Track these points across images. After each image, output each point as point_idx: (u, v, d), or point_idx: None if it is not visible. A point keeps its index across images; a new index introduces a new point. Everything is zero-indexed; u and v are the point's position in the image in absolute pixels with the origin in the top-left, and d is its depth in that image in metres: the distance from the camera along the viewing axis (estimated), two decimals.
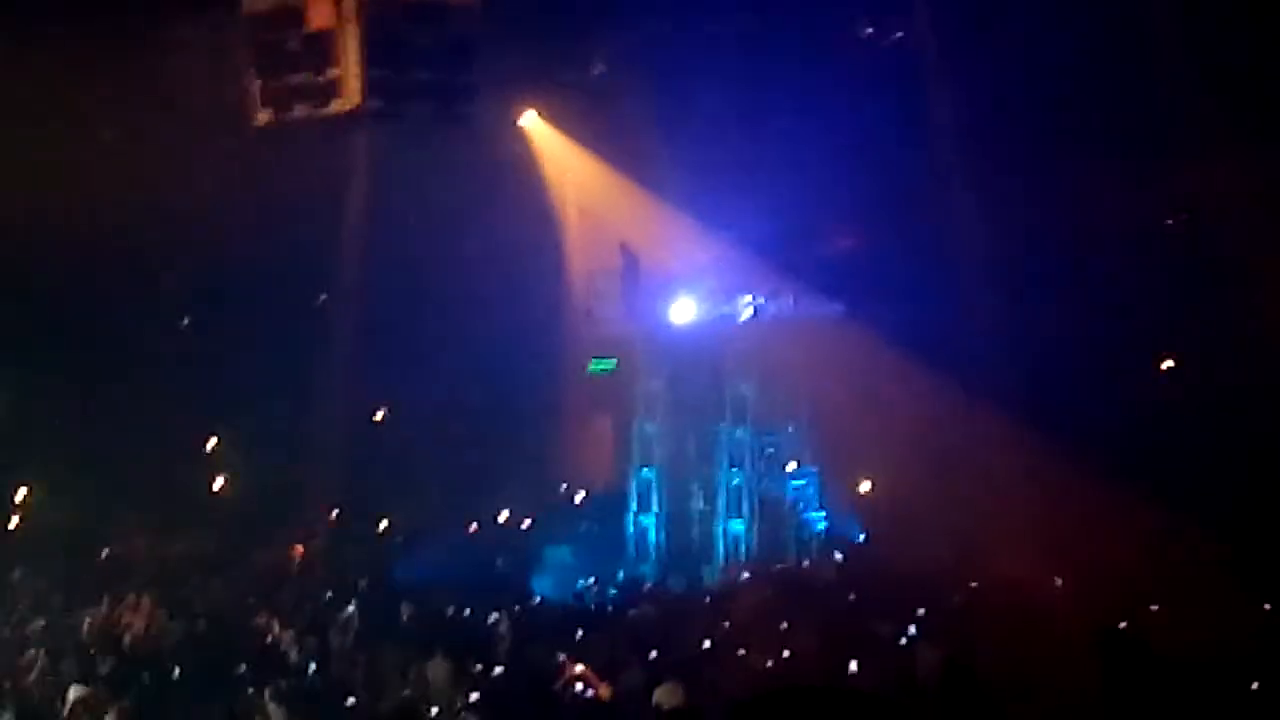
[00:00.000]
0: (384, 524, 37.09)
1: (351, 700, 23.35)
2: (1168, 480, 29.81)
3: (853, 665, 24.37)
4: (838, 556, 33.99)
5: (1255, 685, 18.43)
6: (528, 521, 37.34)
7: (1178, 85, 30.32)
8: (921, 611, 27.34)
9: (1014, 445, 31.91)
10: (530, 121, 35.03)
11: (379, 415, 39.79)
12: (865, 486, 36.68)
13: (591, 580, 33.85)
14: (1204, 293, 32.70)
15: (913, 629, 26.07)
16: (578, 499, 38.40)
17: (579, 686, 22.34)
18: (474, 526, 36.93)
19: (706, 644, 26.58)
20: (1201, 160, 31.46)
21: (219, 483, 37.93)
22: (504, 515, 37.34)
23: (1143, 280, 33.18)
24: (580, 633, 26.62)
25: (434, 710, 22.57)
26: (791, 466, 36.31)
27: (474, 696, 22.56)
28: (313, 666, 25.42)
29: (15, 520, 34.83)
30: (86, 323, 33.86)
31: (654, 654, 25.15)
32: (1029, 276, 33.46)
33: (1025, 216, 33.72)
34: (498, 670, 24.76)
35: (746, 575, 33.56)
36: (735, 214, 34.67)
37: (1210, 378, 33.01)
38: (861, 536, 35.52)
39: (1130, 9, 29.31)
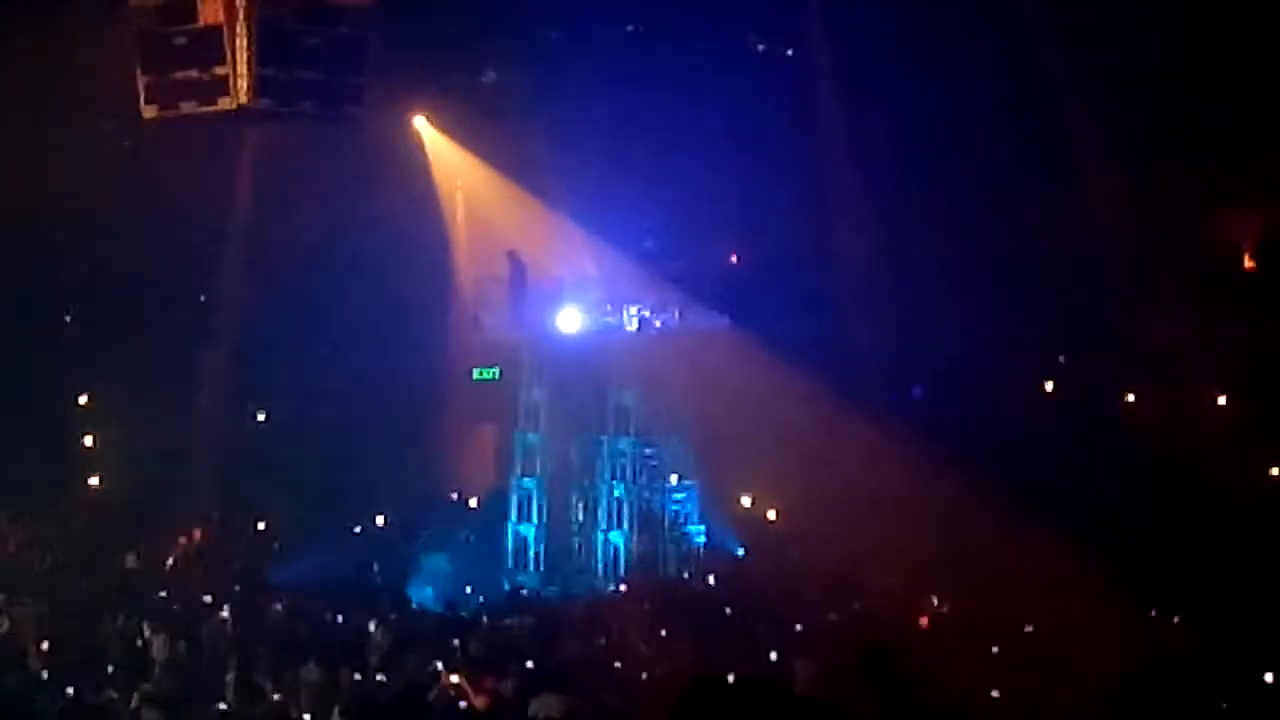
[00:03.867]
0: (261, 526, 36.71)
1: (222, 705, 23.03)
2: (1053, 495, 30.08)
3: (730, 678, 24.34)
4: (713, 573, 33.99)
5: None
6: (405, 527, 37.08)
7: (1069, 98, 30.63)
8: (799, 627, 27.41)
9: (898, 461, 32.06)
10: (420, 125, 34.89)
11: (260, 416, 39.42)
12: (746, 501, 36.73)
13: (468, 589, 33.73)
14: (1094, 308, 32.99)
15: (790, 644, 26.13)
16: (458, 506, 38.20)
17: (454, 696, 22.15)
18: (354, 531, 36.68)
19: (584, 655, 26.48)
20: (1093, 174, 31.78)
21: (94, 481, 37.41)
22: (380, 520, 37.06)
23: (1032, 294, 33.46)
24: (456, 642, 26.44)
25: (306, 718, 22.31)
26: (673, 479, 36.28)
27: (346, 705, 22.30)
28: (183, 670, 25.07)
29: None
30: None
31: (531, 664, 25.04)
32: (915, 291, 33.65)
33: (913, 231, 33.94)
34: (372, 678, 24.53)
35: (624, 587, 33.50)
36: (623, 225, 34.71)
37: (1097, 393, 33.35)
38: (741, 551, 35.55)
39: (1022, 31, 29.58)
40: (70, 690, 22.70)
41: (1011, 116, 31.75)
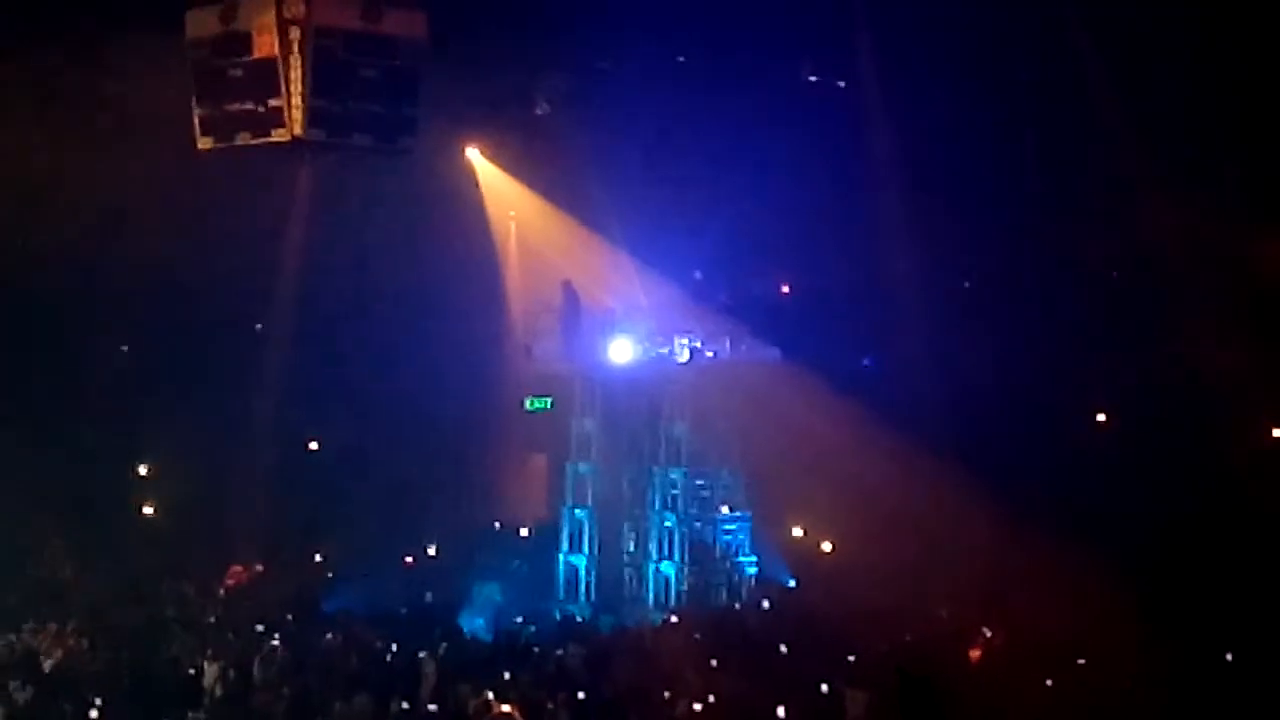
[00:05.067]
0: (315, 556, 36.81)
1: None
2: (1108, 528, 29.91)
3: (780, 710, 24.33)
4: (765, 603, 33.92)
5: None
6: (457, 557, 37.11)
7: (1123, 125, 30.50)
8: (851, 658, 27.33)
9: (949, 493, 31.95)
10: (473, 157, 35.03)
11: (313, 446, 39.54)
12: (797, 531, 36.67)
13: (519, 619, 33.74)
14: (1141, 344, 32.83)
15: (841, 675, 26.07)
16: (508, 536, 38.22)
17: None
18: (405, 561, 36.73)
19: (634, 685, 26.47)
20: (1141, 213, 31.64)
21: (148, 510, 37.58)
22: (431, 550, 37.12)
23: (1082, 330, 33.34)
24: (507, 672, 26.46)
25: None
26: (725, 510, 36.26)
27: None
28: (234, 699, 25.18)
29: None
30: (18, 347, 33.52)
31: (581, 695, 25.04)
32: (967, 324, 33.57)
33: (964, 265, 33.89)
34: (421, 707, 24.59)
35: (675, 617, 33.48)
36: (674, 255, 34.76)
37: (1145, 428, 33.16)
38: (792, 582, 35.48)
39: (1067, 60, 29.50)
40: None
41: (1064, 146, 31.67)
